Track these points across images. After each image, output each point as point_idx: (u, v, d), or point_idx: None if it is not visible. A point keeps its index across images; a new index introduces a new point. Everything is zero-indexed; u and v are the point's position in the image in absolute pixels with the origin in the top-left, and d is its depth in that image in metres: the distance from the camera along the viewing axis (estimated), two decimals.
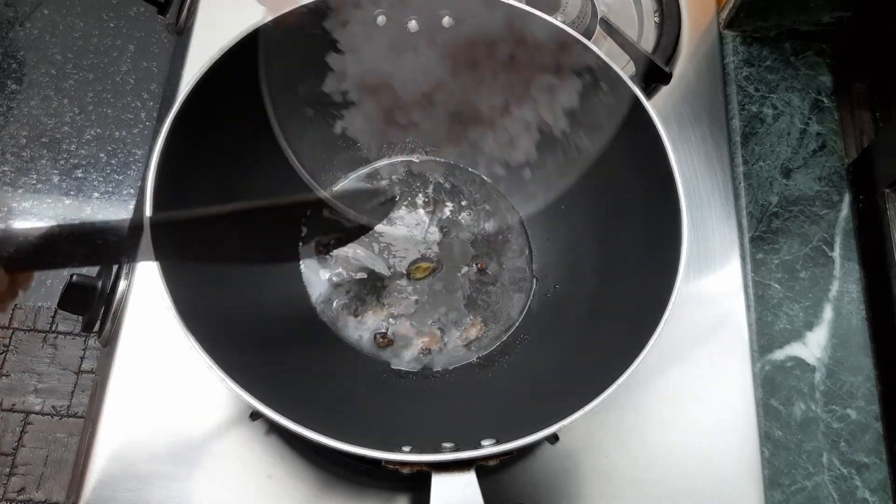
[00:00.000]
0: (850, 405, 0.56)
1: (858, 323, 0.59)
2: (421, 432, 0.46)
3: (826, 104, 0.67)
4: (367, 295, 0.57)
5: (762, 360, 0.57)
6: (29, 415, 1.26)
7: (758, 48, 0.69)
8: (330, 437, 0.39)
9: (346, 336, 0.56)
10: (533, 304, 0.57)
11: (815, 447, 0.55)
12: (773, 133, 0.66)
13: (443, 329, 0.56)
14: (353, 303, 0.57)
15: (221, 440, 0.52)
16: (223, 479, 0.51)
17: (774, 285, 0.60)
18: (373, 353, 0.55)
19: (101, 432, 0.51)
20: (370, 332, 0.56)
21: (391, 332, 0.56)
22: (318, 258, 0.58)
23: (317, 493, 0.51)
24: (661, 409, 0.55)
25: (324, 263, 0.58)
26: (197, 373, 0.52)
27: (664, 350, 0.53)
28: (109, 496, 0.50)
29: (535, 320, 0.56)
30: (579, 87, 0.39)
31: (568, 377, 0.48)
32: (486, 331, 0.56)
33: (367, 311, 0.56)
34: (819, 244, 0.61)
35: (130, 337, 0.54)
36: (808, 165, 0.65)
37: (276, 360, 0.51)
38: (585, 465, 0.53)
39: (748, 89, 0.67)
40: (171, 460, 0.51)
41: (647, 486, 0.53)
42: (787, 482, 0.54)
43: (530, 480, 0.52)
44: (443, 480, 0.40)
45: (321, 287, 0.57)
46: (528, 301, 0.58)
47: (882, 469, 0.55)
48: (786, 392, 0.56)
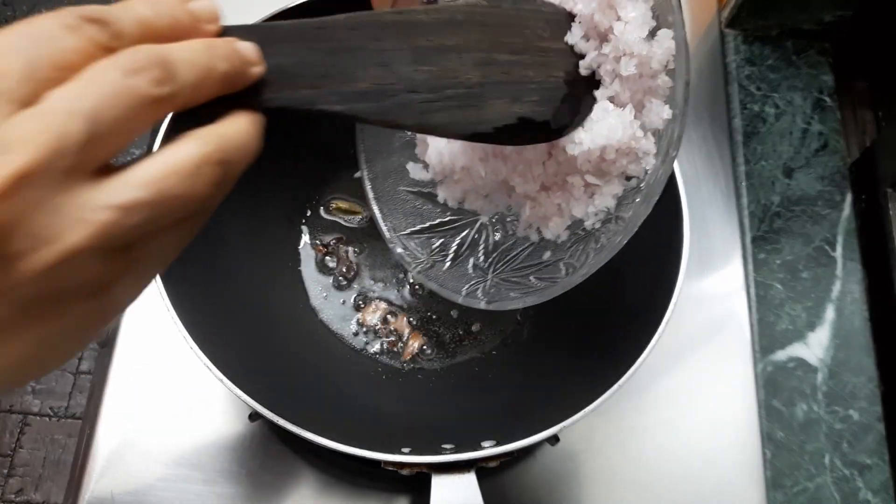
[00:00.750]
0: (852, 406, 0.56)
1: (861, 323, 0.59)
2: (421, 433, 0.46)
3: (828, 103, 0.67)
4: (367, 294, 0.57)
5: (764, 360, 0.57)
6: (27, 416, 1.26)
7: (759, 47, 0.69)
8: (329, 439, 0.39)
9: (346, 336, 0.56)
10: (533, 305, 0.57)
11: (817, 448, 0.55)
12: (775, 132, 0.65)
13: (443, 329, 0.56)
14: (353, 302, 0.56)
15: (219, 441, 0.52)
16: (221, 481, 0.50)
17: (776, 285, 0.60)
18: (372, 354, 0.55)
19: (100, 433, 0.51)
20: (370, 332, 0.56)
21: (391, 331, 0.56)
22: (318, 258, 0.58)
23: (316, 495, 0.51)
24: (662, 410, 0.55)
25: (324, 263, 0.58)
26: (195, 374, 0.52)
27: (665, 351, 0.53)
28: (107, 497, 0.49)
29: (535, 321, 0.56)
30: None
31: (568, 378, 0.47)
32: (485, 331, 0.56)
33: (366, 311, 0.56)
34: (821, 244, 0.61)
35: (128, 338, 0.54)
36: (810, 165, 0.64)
37: (275, 360, 0.51)
38: (586, 466, 0.53)
39: (750, 88, 0.67)
40: (169, 461, 0.51)
41: (648, 487, 0.52)
42: (790, 483, 0.53)
43: (531, 482, 0.52)
44: (443, 482, 0.40)
45: (321, 288, 0.57)
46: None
47: (884, 470, 0.54)
48: (788, 393, 0.56)
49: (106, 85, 0.19)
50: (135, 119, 0.19)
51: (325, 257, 0.58)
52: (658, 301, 0.43)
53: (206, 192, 0.21)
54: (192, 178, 0.20)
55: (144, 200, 0.19)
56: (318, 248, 0.58)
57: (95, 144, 0.19)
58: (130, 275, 0.21)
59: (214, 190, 0.21)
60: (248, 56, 0.23)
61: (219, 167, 0.21)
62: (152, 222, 0.20)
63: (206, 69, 0.21)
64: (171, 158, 0.20)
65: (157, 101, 0.20)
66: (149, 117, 0.20)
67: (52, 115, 0.18)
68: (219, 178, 0.21)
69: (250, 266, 0.54)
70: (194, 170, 0.20)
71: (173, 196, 0.20)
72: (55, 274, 0.19)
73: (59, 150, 0.18)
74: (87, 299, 0.21)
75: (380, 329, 0.56)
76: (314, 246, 0.58)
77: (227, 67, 0.22)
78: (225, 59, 0.22)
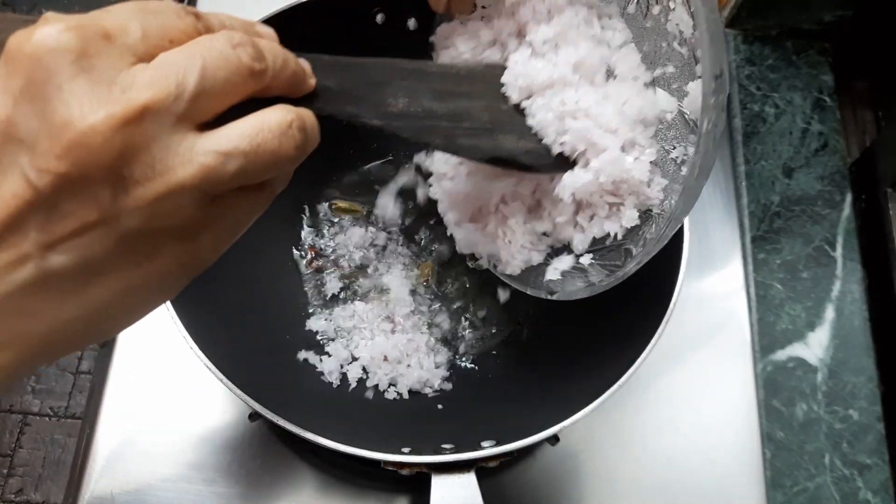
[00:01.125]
0: (852, 406, 0.56)
1: (860, 323, 0.59)
2: (421, 433, 0.46)
3: (828, 103, 0.67)
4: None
5: (764, 360, 0.57)
6: (27, 416, 1.26)
7: (759, 47, 0.69)
8: (329, 439, 0.39)
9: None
10: (533, 305, 0.57)
11: (816, 448, 0.55)
12: (775, 132, 0.65)
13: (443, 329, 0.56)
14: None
15: (219, 441, 0.52)
16: (221, 481, 0.50)
17: (776, 285, 0.60)
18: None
19: (99, 433, 0.51)
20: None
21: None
22: (316, 258, 0.58)
23: (316, 495, 0.51)
24: (662, 410, 0.55)
25: (323, 264, 0.58)
26: (195, 374, 0.52)
27: (665, 351, 0.53)
28: (107, 497, 0.49)
29: (535, 321, 0.56)
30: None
31: (568, 378, 0.47)
32: (486, 331, 0.56)
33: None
34: (821, 244, 0.61)
35: (128, 338, 0.54)
36: (810, 165, 0.64)
37: (275, 360, 0.51)
38: (586, 466, 0.53)
39: (750, 88, 0.67)
40: (168, 461, 0.51)
41: (648, 487, 0.52)
42: (789, 483, 0.53)
43: (531, 482, 0.52)
44: (442, 482, 0.40)
45: (321, 286, 0.57)
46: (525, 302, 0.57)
47: (884, 470, 0.54)
48: (787, 393, 0.56)
49: (215, 50, 0.22)
50: (235, 84, 0.23)
51: (325, 258, 0.58)
52: (658, 301, 0.43)
53: (291, 154, 0.24)
54: (281, 137, 0.23)
55: (243, 150, 0.22)
56: (312, 249, 0.58)
57: (204, 98, 0.22)
58: (215, 229, 0.24)
59: (297, 153, 0.24)
60: (307, 68, 0.27)
61: (301, 133, 0.24)
62: (245, 174, 0.23)
63: (284, 62, 0.25)
64: (264, 119, 0.23)
65: (253, 74, 0.23)
66: (246, 87, 0.23)
67: (172, 65, 0.21)
68: (301, 143, 0.24)
69: (251, 266, 0.54)
70: (284, 129, 0.23)
71: (266, 151, 0.23)
72: (159, 208, 0.22)
73: (176, 95, 0.21)
74: (178, 243, 0.23)
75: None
76: (313, 246, 0.58)
77: (297, 68, 0.26)
78: (295, 62, 0.26)
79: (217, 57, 0.22)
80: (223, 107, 0.23)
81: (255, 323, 0.52)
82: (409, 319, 0.55)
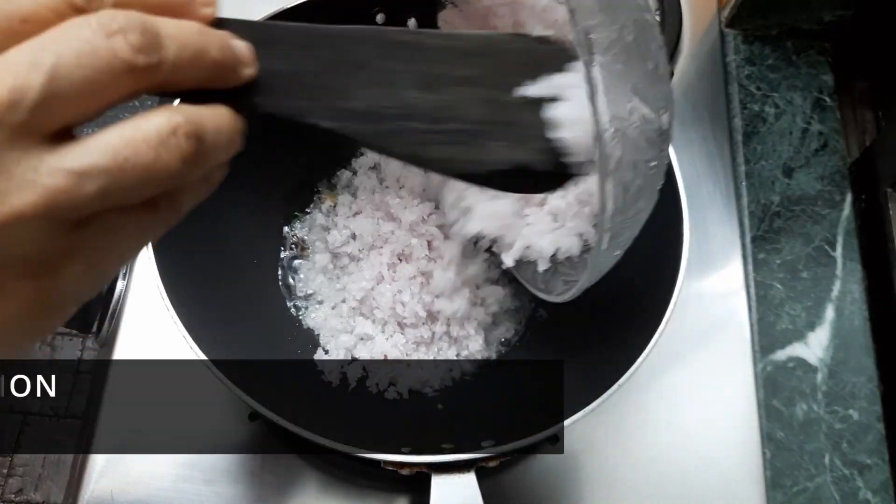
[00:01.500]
0: (852, 406, 0.56)
1: (860, 323, 0.59)
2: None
3: (828, 103, 0.67)
4: None
5: (764, 360, 0.57)
6: (27, 416, 1.26)
7: (759, 47, 0.69)
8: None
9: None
10: (532, 305, 0.57)
11: (816, 448, 0.55)
12: (775, 132, 0.65)
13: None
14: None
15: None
16: (221, 481, 0.50)
17: (776, 285, 0.60)
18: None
19: (99, 433, 0.51)
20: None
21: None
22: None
23: (316, 495, 0.50)
24: (662, 410, 0.55)
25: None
26: (195, 374, 0.52)
27: (665, 351, 0.53)
28: (107, 497, 0.49)
29: (535, 321, 0.56)
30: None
31: (568, 378, 0.47)
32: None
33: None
34: (821, 244, 0.61)
35: (128, 338, 0.54)
36: (810, 164, 0.64)
37: (275, 360, 0.51)
38: (586, 466, 0.53)
39: (750, 88, 0.67)
40: (168, 461, 0.51)
41: (648, 487, 0.52)
42: (789, 483, 0.53)
43: (531, 482, 0.52)
44: (442, 481, 0.40)
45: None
46: (528, 301, 0.57)
47: (884, 470, 0.54)
48: (787, 393, 0.56)
49: (75, 41, 0.17)
50: (104, 84, 0.18)
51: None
52: (658, 301, 0.43)
53: (173, 168, 0.19)
54: (159, 147, 0.19)
55: (104, 166, 0.18)
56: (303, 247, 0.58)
57: (55, 104, 0.17)
58: (81, 261, 0.19)
59: (183, 166, 0.19)
60: (242, 55, 0.22)
61: (189, 142, 0.19)
62: (111, 195, 0.18)
63: (196, 51, 0.20)
64: (136, 125, 0.19)
65: (134, 71, 0.18)
66: (123, 86, 0.18)
67: (12, 64, 0.17)
68: (189, 155, 0.19)
69: (250, 266, 0.54)
70: (164, 138, 0.19)
71: (135, 165, 0.18)
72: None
73: (12, 103, 0.17)
74: (28, 280, 0.19)
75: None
76: (312, 244, 0.58)
77: (218, 56, 0.20)
78: (218, 49, 0.20)
79: (77, 49, 0.17)
80: (91, 112, 0.18)
81: (255, 323, 0.52)
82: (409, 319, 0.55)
